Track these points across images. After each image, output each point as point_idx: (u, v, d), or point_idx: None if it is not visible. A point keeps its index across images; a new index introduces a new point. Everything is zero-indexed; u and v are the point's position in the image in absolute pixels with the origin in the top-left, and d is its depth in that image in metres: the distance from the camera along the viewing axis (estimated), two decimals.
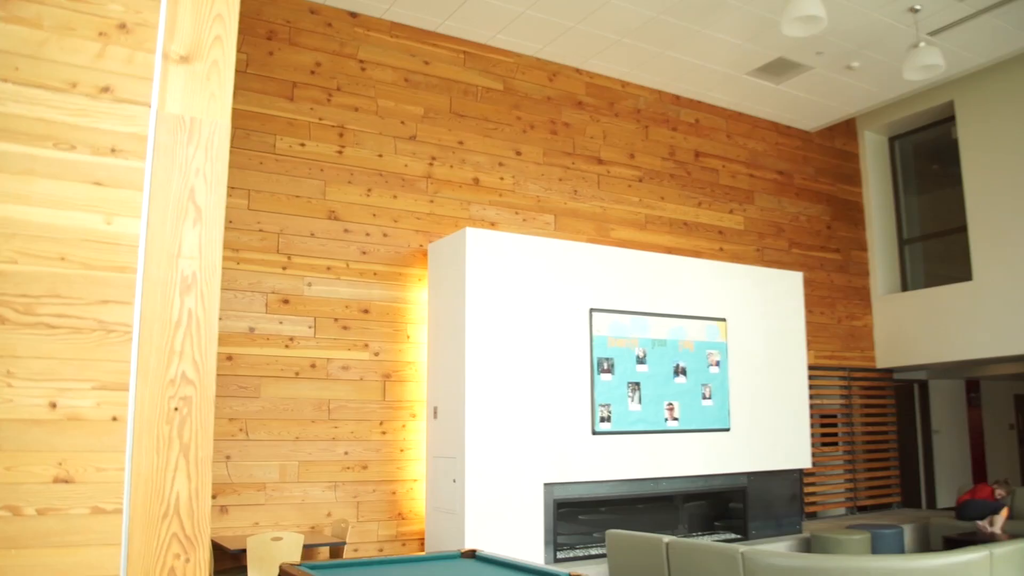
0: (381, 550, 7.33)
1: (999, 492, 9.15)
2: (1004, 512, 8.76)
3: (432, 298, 7.76)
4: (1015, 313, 10.10)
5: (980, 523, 8.75)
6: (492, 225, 8.37)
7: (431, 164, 8.14)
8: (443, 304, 7.54)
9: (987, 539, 8.05)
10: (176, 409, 2.34)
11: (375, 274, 7.68)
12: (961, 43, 9.04)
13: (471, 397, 7.03)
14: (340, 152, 7.66)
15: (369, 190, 7.76)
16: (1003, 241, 10.32)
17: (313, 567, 4.55)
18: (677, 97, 10.08)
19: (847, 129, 11.97)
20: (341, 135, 7.69)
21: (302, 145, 7.49)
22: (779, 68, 9.44)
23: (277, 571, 4.72)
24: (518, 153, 8.69)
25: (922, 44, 8.12)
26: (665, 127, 9.91)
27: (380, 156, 7.87)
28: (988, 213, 10.52)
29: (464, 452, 6.94)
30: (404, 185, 7.96)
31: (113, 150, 2.33)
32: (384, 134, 7.93)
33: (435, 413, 7.50)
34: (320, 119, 7.61)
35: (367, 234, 7.69)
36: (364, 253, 7.65)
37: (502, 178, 8.54)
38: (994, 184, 10.48)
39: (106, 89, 2.34)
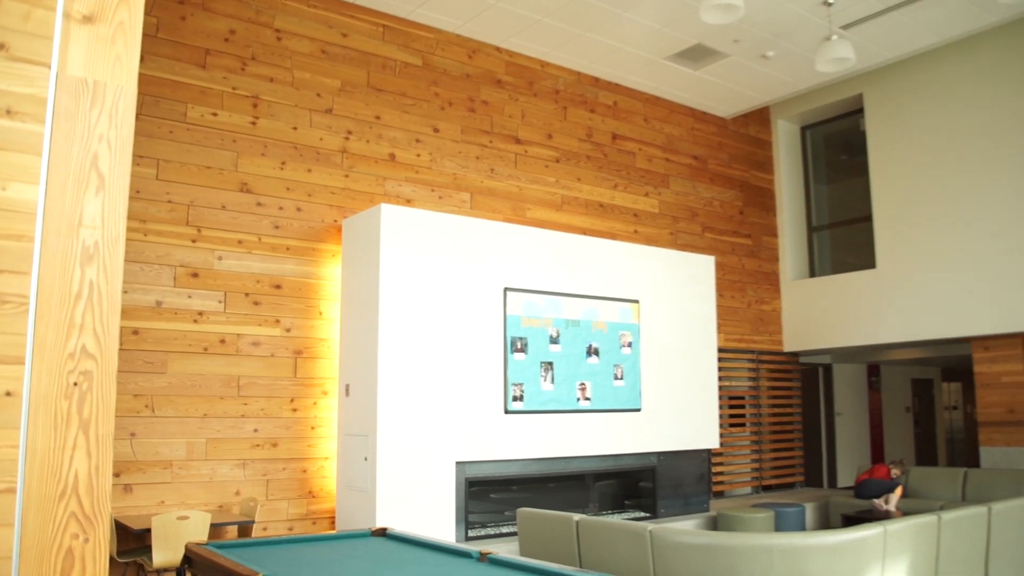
0: (291, 529, 7.24)
1: (895, 472, 9.50)
2: (898, 491, 9.12)
3: (346, 274, 7.66)
4: (914, 300, 10.48)
5: (876, 501, 9.09)
6: (408, 202, 8.30)
7: (347, 138, 8.01)
8: (357, 281, 7.45)
9: (882, 516, 8.36)
10: (75, 384, 2.25)
11: (288, 249, 7.54)
12: (871, 38, 9.30)
13: (383, 375, 6.97)
14: (254, 123, 7.49)
15: (283, 163, 7.61)
16: (905, 231, 10.69)
17: (220, 546, 4.46)
18: (596, 79, 10.12)
19: (761, 117, 12.20)
20: (255, 106, 7.51)
21: (214, 115, 7.29)
22: (697, 54, 9.55)
23: (183, 551, 4.62)
24: (435, 130, 8.62)
25: (834, 37, 8.30)
26: (583, 108, 9.94)
27: (295, 129, 7.71)
28: (892, 203, 10.87)
29: (376, 430, 6.90)
30: (319, 159, 7.82)
31: (9, 111, 2.22)
32: (299, 106, 7.77)
33: (347, 391, 7.42)
34: (234, 88, 7.42)
35: (280, 208, 7.55)
36: (277, 227, 7.51)
37: (419, 155, 8.46)
38: (898, 176, 10.82)
39: (0, 46, 2.22)
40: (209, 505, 6.88)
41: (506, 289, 7.83)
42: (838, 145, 12.80)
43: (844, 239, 12.44)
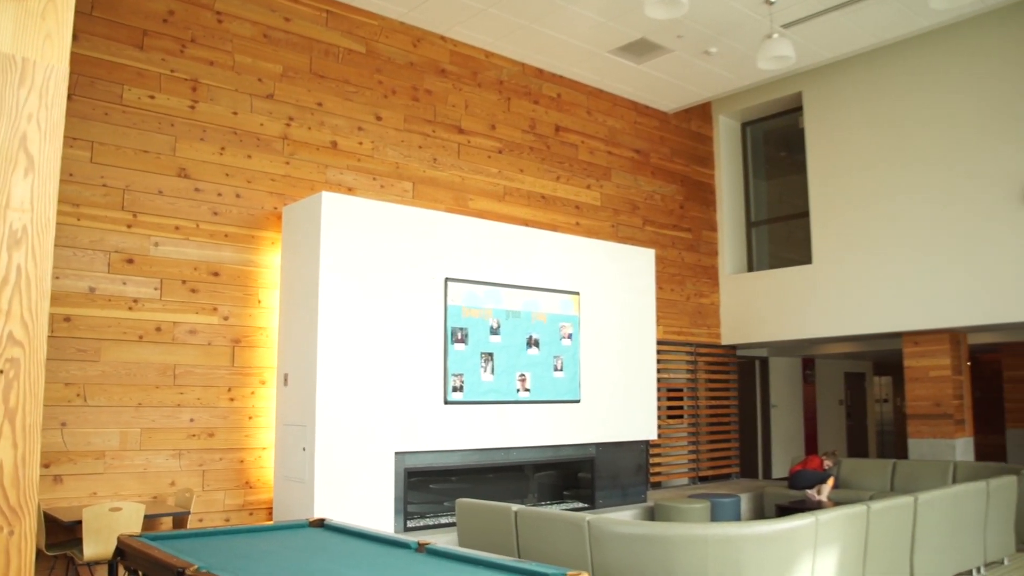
0: (227, 520, 7.14)
1: (827, 463, 9.70)
2: (830, 481, 9.31)
3: (285, 262, 7.57)
4: (848, 296, 10.71)
5: (809, 492, 9.27)
6: (349, 190, 8.22)
7: (288, 125, 7.91)
8: (296, 269, 7.37)
9: (815, 507, 8.53)
10: (1, 372, 2.19)
11: (226, 236, 7.42)
12: (811, 38, 9.45)
13: (323, 364, 6.91)
14: (193, 107, 7.35)
15: (222, 148, 7.48)
16: (840, 228, 10.90)
17: (154, 538, 4.39)
18: (540, 71, 10.12)
19: (703, 112, 12.32)
20: (194, 89, 7.37)
21: (151, 97, 7.13)
22: (640, 48, 9.61)
23: (115, 543, 4.53)
24: (378, 118, 8.55)
25: (775, 35, 8.41)
26: (527, 100, 9.94)
27: (235, 114, 7.59)
28: (828, 201, 11.08)
29: (314, 420, 6.83)
30: (259, 145, 7.71)
31: None
32: (240, 91, 7.64)
33: (285, 380, 7.34)
34: (172, 71, 7.27)
35: (219, 194, 7.42)
36: (215, 214, 7.38)
37: (361, 143, 8.39)
38: (834, 174, 11.03)
39: None
40: (143, 496, 6.76)
41: (447, 279, 7.81)
42: (777, 142, 12.99)
43: (782, 235, 12.65)
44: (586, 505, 8.96)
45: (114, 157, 6.90)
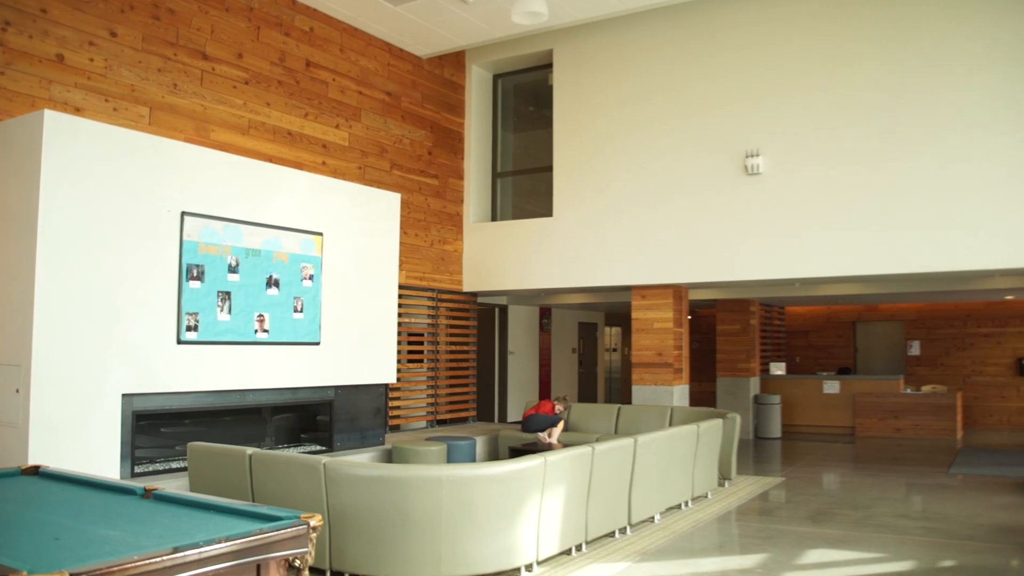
0: None
1: (558, 408, 10.22)
2: (560, 425, 9.83)
3: None
4: (584, 249, 11.27)
5: (541, 435, 9.74)
6: (77, 111, 7.56)
7: (4, 30, 7.12)
8: (11, 194, 6.70)
9: (545, 448, 8.98)
10: None
11: None
12: None
13: (41, 299, 6.37)
14: None
15: None
16: (580, 184, 11.40)
17: None
18: (293, 1, 9.74)
19: (456, 60, 12.39)
20: None
21: None
22: None
23: None
24: (113, 34, 7.89)
25: None
26: (278, 31, 9.55)
27: None
28: (571, 157, 11.53)
29: (30, 359, 6.30)
30: None
31: None
32: None
33: None
34: None
35: None
36: None
37: (92, 59, 7.72)
38: (578, 132, 11.49)
39: None
40: None
41: (184, 213, 7.41)
42: (527, 96, 13.33)
43: (526, 187, 13.06)
44: (324, 448, 8.92)
45: None
